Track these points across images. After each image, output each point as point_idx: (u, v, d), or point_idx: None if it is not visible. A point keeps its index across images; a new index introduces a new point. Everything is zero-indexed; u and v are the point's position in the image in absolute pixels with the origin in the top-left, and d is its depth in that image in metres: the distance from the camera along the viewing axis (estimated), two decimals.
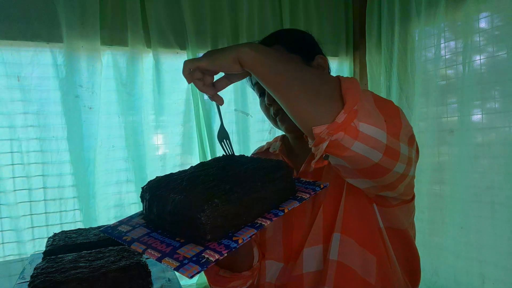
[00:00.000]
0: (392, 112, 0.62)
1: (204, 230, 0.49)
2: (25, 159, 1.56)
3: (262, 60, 0.60)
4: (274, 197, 0.59)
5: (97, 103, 1.65)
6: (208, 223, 0.49)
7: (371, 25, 2.07)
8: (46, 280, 0.72)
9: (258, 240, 0.87)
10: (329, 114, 0.54)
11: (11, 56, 1.55)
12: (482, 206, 1.52)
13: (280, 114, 0.85)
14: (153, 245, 0.52)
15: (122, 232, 0.59)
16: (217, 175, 0.59)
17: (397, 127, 0.60)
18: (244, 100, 1.95)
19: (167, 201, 0.54)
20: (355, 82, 0.57)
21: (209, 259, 0.46)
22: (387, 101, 0.63)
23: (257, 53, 0.60)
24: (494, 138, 1.53)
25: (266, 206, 0.57)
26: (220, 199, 0.51)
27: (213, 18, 1.89)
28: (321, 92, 0.57)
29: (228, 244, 0.49)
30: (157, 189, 0.58)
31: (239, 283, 0.81)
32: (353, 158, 0.57)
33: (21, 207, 1.56)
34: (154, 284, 0.84)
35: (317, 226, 0.79)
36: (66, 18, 1.58)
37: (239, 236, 0.50)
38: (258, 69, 0.61)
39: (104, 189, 1.68)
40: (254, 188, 0.56)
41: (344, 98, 0.55)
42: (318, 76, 0.61)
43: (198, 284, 1.84)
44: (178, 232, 0.53)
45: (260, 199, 0.56)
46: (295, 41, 0.86)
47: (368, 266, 0.74)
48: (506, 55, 1.47)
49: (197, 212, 0.49)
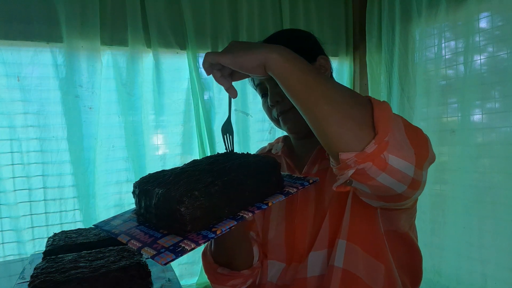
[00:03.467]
0: (421, 141, 0.61)
1: (184, 221, 0.51)
2: (25, 159, 1.56)
3: (291, 71, 0.57)
4: (258, 190, 0.60)
5: (97, 103, 1.65)
6: (187, 215, 0.51)
7: (371, 25, 2.07)
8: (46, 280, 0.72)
9: (259, 240, 0.87)
10: (359, 142, 0.53)
11: (11, 56, 1.55)
12: (484, 206, 1.52)
13: (283, 115, 0.84)
14: (137, 236, 0.55)
15: (113, 226, 0.62)
16: (203, 170, 0.60)
17: (424, 157, 0.59)
18: (244, 100, 1.95)
19: (152, 195, 0.57)
20: (388, 108, 0.55)
21: (184, 248, 0.48)
22: (417, 129, 0.62)
23: (286, 63, 0.57)
24: (495, 138, 1.53)
25: (250, 200, 0.58)
26: (199, 191, 0.53)
27: (213, 18, 1.89)
28: (351, 115, 0.54)
29: (206, 235, 0.50)
30: (145, 184, 0.60)
31: (239, 282, 0.81)
32: (377, 187, 0.56)
33: (21, 207, 1.56)
34: (154, 284, 0.84)
35: (324, 230, 0.78)
36: (66, 18, 1.57)
37: (218, 227, 0.52)
38: (286, 80, 0.57)
39: (104, 189, 1.68)
40: (236, 181, 0.57)
41: (375, 126, 0.53)
42: (350, 95, 0.58)
43: (198, 284, 1.84)
44: (162, 225, 0.55)
45: (243, 192, 0.57)
46: (297, 41, 0.86)
47: (374, 273, 0.73)
48: (506, 55, 1.47)
49: (176, 204, 0.51)
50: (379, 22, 2.03)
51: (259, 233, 0.88)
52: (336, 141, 0.55)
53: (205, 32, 1.86)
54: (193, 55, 1.82)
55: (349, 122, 0.54)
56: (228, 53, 0.59)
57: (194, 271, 1.87)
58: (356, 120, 0.54)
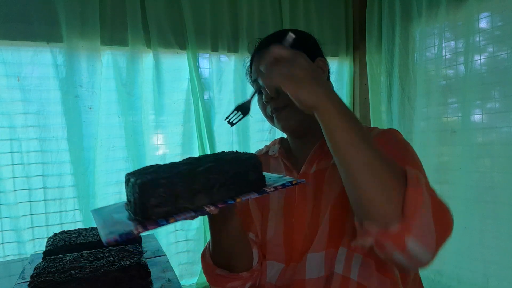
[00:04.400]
0: (446, 225, 0.61)
1: (143, 208, 0.53)
2: (25, 159, 1.56)
3: (342, 127, 0.58)
4: (232, 187, 0.60)
5: (97, 103, 1.65)
6: (145, 201, 0.53)
7: (371, 25, 2.07)
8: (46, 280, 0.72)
9: (259, 241, 0.86)
10: (386, 217, 0.56)
11: (11, 56, 1.55)
12: (485, 205, 1.52)
13: (277, 112, 0.84)
14: (111, 219, 0.58)
15: (101, 211, 0.65)
16: (185, 163, 0.61)
17: (444, 240, 0.60)
18: (243, 100, 1.94)
19: (129, 183, 0.59)
20: (420, 190, 0.57)
21: (133, 231, 0.50)
22: (445, 211, 0.62)
23: (337, 116, 0.58)
24: (495, 138, 1.53)
25: (219, 195, 0.58)
26: (164, 179, 0.54)
27: (213, 18, 1.89)
28: (387, 189, 0.57)
29: (159, 222, 0.52)
30: (130, 175, 0.62)
31: (238, 284, 0.80)
32: (390, 257, 0.59)
33: (21, 207, 1.56)
34: (154, 284, 0.84)
35: (323, 232, 0.77)
36: (66, 18, 1.57)
37: (175, 217, 0.54)
38: (332, 133, 0.59)
39: (104, 189, 1.68)
40: (204, 175, 0.57)
41: (404, 208, 0.55)
42: (389, 167, 0.59)
43: (198, 284, 1.84)
44: (132, 211, 0.58)
45: (211, 187, 0.58)
46: (297, 42, 0.86)
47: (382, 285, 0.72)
48: (506, 55, 1.47)
49: (139, 191, 0.53)
50: (379, 22, 2.03)
51: (258, 234, 0.87)
52: (365, 207, 0.59)
53: (205, 32, 1.86)
54: (193, 55, 1.82)
55: (383, 196, 0.57)
56: (292, 81, 0.59)
57: (194, 271, 1.87)
58: (389, 196, 0.57)
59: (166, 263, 1.00)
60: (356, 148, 0.58)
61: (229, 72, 1.93)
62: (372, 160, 0.58)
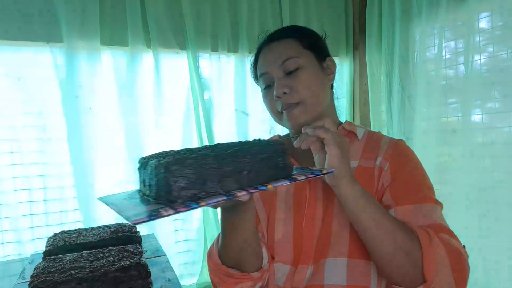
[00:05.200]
0: (464, 271, 0.67)
1: (169, 189, 0.50)
2: (25, 159, 1.56)
3: (360, 207, 0.67)
4: (261, 173, 0.57)
5: (97, 103, 1.65)
6: (173, 182, 0.50)
7: (371, 24, 2.07)
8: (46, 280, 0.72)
9: (267, 242, 0.84)
10: (410, 284, 0.65)
11: (11, 56, 1.55)
12: (485, 205, 1.52)
13: (289, 109, 0.81)
14: (121, 205, 0.54)
15: (111, 198, 0.62)
16: (205, 148, 0.59)
17: (464, 286, 0.67)
18: (243, 100, 1.95)
19: (148, 166, 0.56)
20: (433, 252, 0.64)
21: (161, 213, 0.46)
22: (461, 259, 0.67)
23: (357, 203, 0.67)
24: (495, 138, 1.53)
25: (249, 180, 0.56)
26: (191, 160, 0.51)
27: (213, 18, 1.89)
28: (407, 260, 0.65)
29: (189, 205, 0.49)
30: (147, 158, 0.60)
31: (248, 285, 0.77)
32: None
33: (21, 207, 1.56)
34: (154, 284, 0.84)
35: (342, 238, 0.76)
36: (66, 18, 1.57)
37: (204, 200, 0.50)
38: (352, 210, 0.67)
39: (104, 189, 1.68)
40: (232, 157, 0.55)
41: (424, 273, 0.63)
42: (406, 235, 0.66)
43: (198, 284, 1.84)
44: (153, 195, 0.54)
45: (240, 171, 0.55)
46: (310, 39, 0.86)
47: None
48: (506, 55, 1.47)
49: (164, 172, 0.50)
50: (379, 22, 2.03)
51: (264, 234, 0.85)
52: (392, 277, 0.68)
53: (205, 32, 1.86)
54: (193, 55, 1.82)
55: (405, 268, 0.65)
56: (338, 148, 0.66)
57: (194, 271, 1.87)
58: (411, 267, 0.64)
59: (166, 263, 1.00)
60: (377, 225, 0.66)
61: (229, 72, 1.93)
62: (391, 235, 0.65)
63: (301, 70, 0.81)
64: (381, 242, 0.66)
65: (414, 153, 0.83)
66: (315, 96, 0.82)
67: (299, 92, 0.80)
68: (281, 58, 0.81)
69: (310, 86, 0.81)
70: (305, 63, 0.82)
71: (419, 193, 0.75)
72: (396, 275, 0.67)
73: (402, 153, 0.81)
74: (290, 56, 0.81)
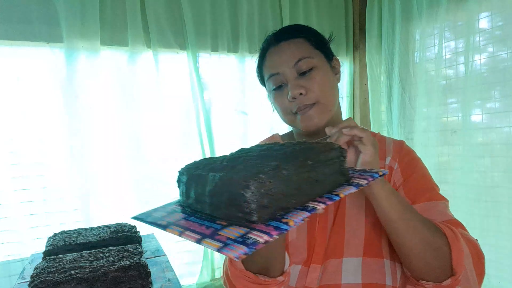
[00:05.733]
0: (483, 268, 0.71)
1: (249, 210, 0.43)
2: (25, 159, 1.56)
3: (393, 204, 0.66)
4: (326, 180, 0.52)
5: (97, 103, 1.65)
6: (253, 202, 0.43)
7: (371, 25, 2.07)
8: (46, 280, 0.72)
9: None
10: (439, 277, 0.67)
11: (11, 56, 1.55)
12: (485, 205, 1.52)
13: (305, 109, 0.80)
14: (191, 227, 0.47)
15: (157, 218, 0.54)
16: (261, 155, 0.53)
17: (482, 278, 0.70)
18: (244, 100, 1.95)
19: (206, 180, 0.49)
20: (460, 248, 0.66)
21: (257, 240, 0.40)
22: (479, 253, 0.71)
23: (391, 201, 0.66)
24: (495, 138, 1.53)
25: (318, 190, 0.51)
26: (266, 175, 0.45)
27: (213, 18, 1.89)
28: (437, 257, 0.66)
29: (278, 226, 0.42)
30: (195, 170, 0.53)
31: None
32: None
33: (21, 207, 1.56)
34: (154, 284, 0.84)
35: (358, 238, 0.76)
36: (66, 18, 1.57)
37: (289, 218, 0.44)
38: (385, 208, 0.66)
39: (104, 189, 1.68)
40: (304, 168, 0.49)
41: (453, 266, 0.65)
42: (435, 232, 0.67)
43: (198, 284, 1.84)
44: (219, 215, 0.48)
45: (311, 181, 0.50)
46: (319, 39, 0.86)
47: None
48: (506, 55, 1.47)
49: (240, 189, 0.43)
50: (379, 22, 2.03)
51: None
52: (420, 273, 0.69)
53: (205, 32, 1.86)
54: (193, 55, 1.82)
55: (435, 262, 0.67)
56: (374, 148, 0.66)
57: (194, 271, 1.87)
58: (440, 262, 0.66)
59: (166, 263, 1.00)
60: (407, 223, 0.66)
61: (229, 72, 1.93)
62: (422, 232, 0.66)
63: (315, 71, 0.80)
64: (411, 239, 0.66)
65: (421, 160, 0.85)
66: (329, 96, 0.82)
67: (315, 93, 0.79)
68: (294, 58, 0.80)
69: (324, 86, 0.80)
70: (318, 63, 0.81)
71: (432, 191, 0.78)
72: (424, 271, 0.68)
73: (408, 153, 0.84)
74: (303, 57, 0.80)
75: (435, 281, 0.67)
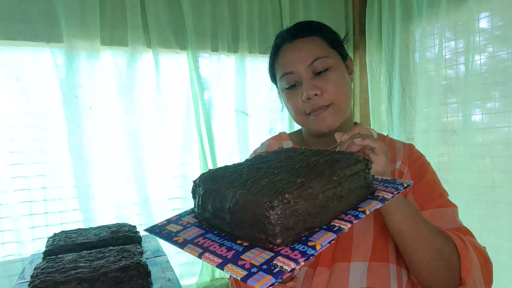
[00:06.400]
0: (490, 271, 0.71)
1: (274, 232, 0.41)
2: (25, 159, 1.56)
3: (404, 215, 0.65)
4: (351, 195, 0.49)
5: (97, 103, 1.65)
6: (278, 224, 0.41)
7: (371, 24, 2.07)
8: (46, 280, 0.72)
9: None
10: (447, 286, 0.67)
11: (11, 56, 1.55)
12: (486, 205, 1.52)
13: (319, 110, 0.78)
14: (211, 248, 0.45)
15: (172, 232, 0.51)
16: (282, 168, 0.50)
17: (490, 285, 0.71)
18: (244, 100, 1.95)
19: (225, 196, 0.47)
20: (469, 257, 0.65)
21: (283, 268, 0.38)
22: (487, 260, 0.71)
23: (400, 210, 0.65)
24: (496, 138, 1.53)
25: (343, 206, 0.48)
26: (292, 195, 0.42)
27: (213, 18, 1.89)
28: (446, 267, 0.66)
29: (304, 251, 0.40)
30: (212, 183, 0.50)
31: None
32: None
33: (21, 207, 1.56)
34: (154, 284, 0.84)
35: (365, 242, 0.75)
36: (66, 18, 1.57)
37: (315, 241, 0.42)
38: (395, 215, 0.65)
39: (104, 189, 1.68)
40: (330, 184, 0.47)
41: (462, 276, 0.65)
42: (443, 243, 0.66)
43: (198, 284, 1.84)
44: (240, 234, 0.45)
45: (337, 198, 0.47)
46: (335, 37, 0.84)
47: None
48: (506, 55, 1.47)
49: (265, 210, 0.41)
50: (379, 22, 2.03)
51: None
52: (428, 282, 0.68)
53: (205, 32, 1.86)
54: (193, 55, 1.82)
55: (445, 272, 0.66)
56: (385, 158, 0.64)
57: (194, 271, 1.87)
58: (449, 272, 0.66)
59: (166, 263, 1.00)
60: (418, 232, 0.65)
61: (229, 72, 1.93)
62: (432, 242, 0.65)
63: (331, 71, 0.79)
64: (420, 249, 0.66)
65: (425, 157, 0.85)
66: (344, 98, 0.80)
67: (330, 94, 0.78)
68: (310, 57, 0.78)
69: (340, 87, 0.79)
70: (334, 64, 0.80)
71: (441, 197, 0.77)
72: (432, 280, 0.68)
73: (418, 158, 0.83)
74: (319, 56, 0.78)
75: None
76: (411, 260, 0.68)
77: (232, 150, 1.94)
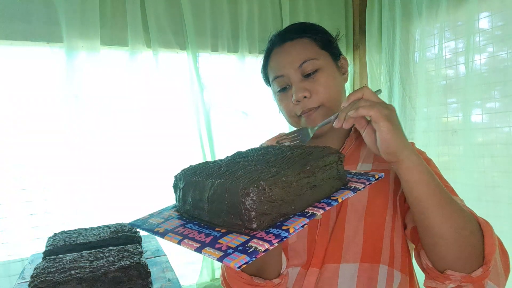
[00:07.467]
0: (508, 262, 0.67)
1: (249, 217, 0.43)
2: (25, 159, 1.56)
3: (423, 180, 0.60)
4: (324, 185, 0.52)
5: (97, 103, 1.65)
6: (253, 209, 0.43)
7: (371, 24, 2.07)
8: (46, 280, 0.72)
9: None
10: (469, 267, 0.61)
11: (11, 56, 1.55)
12: (486, 205, 1.52)
13: (309, 112, 0.79)
14: (190, 235, 0.47)
15: (153, 225, 0.54)
16: (259, 161, 0.53)
17: (507, 276, 0.66)
18: (243, 100, 1.95)
19: (204, 187, 0.49)
20: (493, 237, 0.61)
21: (257, 248, 0.40)
22: (504, 251, 0.67)
23: (419, 173, 0.60)
24: (496, 138, 1.53)
25: (316, 195, 0.50)
26: (267, 182, 0.45)
27: (213, 18, 1.89)
28: (470, 243, 0.60)
29: (278, 233, 0.43)
30: (192, 176, 0.53)
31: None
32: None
33: (21, 207, 1.56)
34: (154, 284, 0.84)
35: (355, 244, 0.74)
36: (66, 18, 1.57)
37: (289, 225, 0.44)
38: (415, 186, 0.60)
39: (104, 189, 1.68)
40: (304, 173, 0.49)
41: (485, 255, 0.60)
42: (467, 217, 0.62)
43: (198, 284, 1.84)
44: (218, 222, 0.48)
45: (310, 186, 0.50)
46: (325, 38, 0.84)
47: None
48: (506, 55, 1.47)
49: (240, 196, 0.43)
50: (379, 22, 2.03)
51: None
52: (448, 261, 0.62)
53: (205, 32, 1.86)
54: (193, 55, 1.82)
55: (468, 250, 0.61)
56: (389, 124, 0.58)
57: (194, 271, 1.87)
58: (473, 249, 0.61)
59: (166, 263, 1.00)
60: (438, 203, 0.60)
61: (229, 72, 1.93)
62: (454, 214, 0.60)
63: (320, 72, 0.78)
64: (442, 221, 0.60)
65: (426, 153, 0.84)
66: (335, 98, 0.80)
67: (319, 96, 0.78)
68: (298, 60, 0.79)
69: (329, 88, 0.79)
70: (323, 65, 0.79)
71: (448, 188, 0.75)
72: (453, 258, 0.62)
73: (420, 154, 0.82)
74: (308, 58, 0.78)
75: (464, 271, 0.60)
76: (431, 236, 0.62)
77: (232, 150, 1.94)
